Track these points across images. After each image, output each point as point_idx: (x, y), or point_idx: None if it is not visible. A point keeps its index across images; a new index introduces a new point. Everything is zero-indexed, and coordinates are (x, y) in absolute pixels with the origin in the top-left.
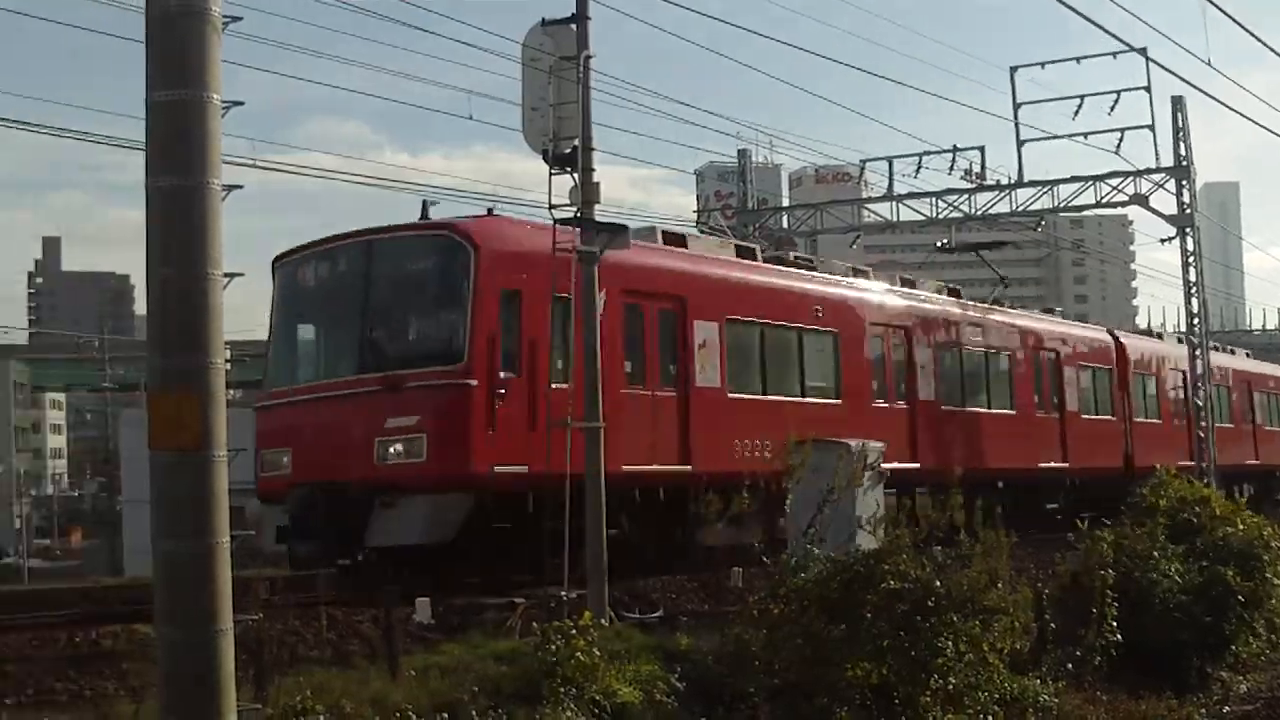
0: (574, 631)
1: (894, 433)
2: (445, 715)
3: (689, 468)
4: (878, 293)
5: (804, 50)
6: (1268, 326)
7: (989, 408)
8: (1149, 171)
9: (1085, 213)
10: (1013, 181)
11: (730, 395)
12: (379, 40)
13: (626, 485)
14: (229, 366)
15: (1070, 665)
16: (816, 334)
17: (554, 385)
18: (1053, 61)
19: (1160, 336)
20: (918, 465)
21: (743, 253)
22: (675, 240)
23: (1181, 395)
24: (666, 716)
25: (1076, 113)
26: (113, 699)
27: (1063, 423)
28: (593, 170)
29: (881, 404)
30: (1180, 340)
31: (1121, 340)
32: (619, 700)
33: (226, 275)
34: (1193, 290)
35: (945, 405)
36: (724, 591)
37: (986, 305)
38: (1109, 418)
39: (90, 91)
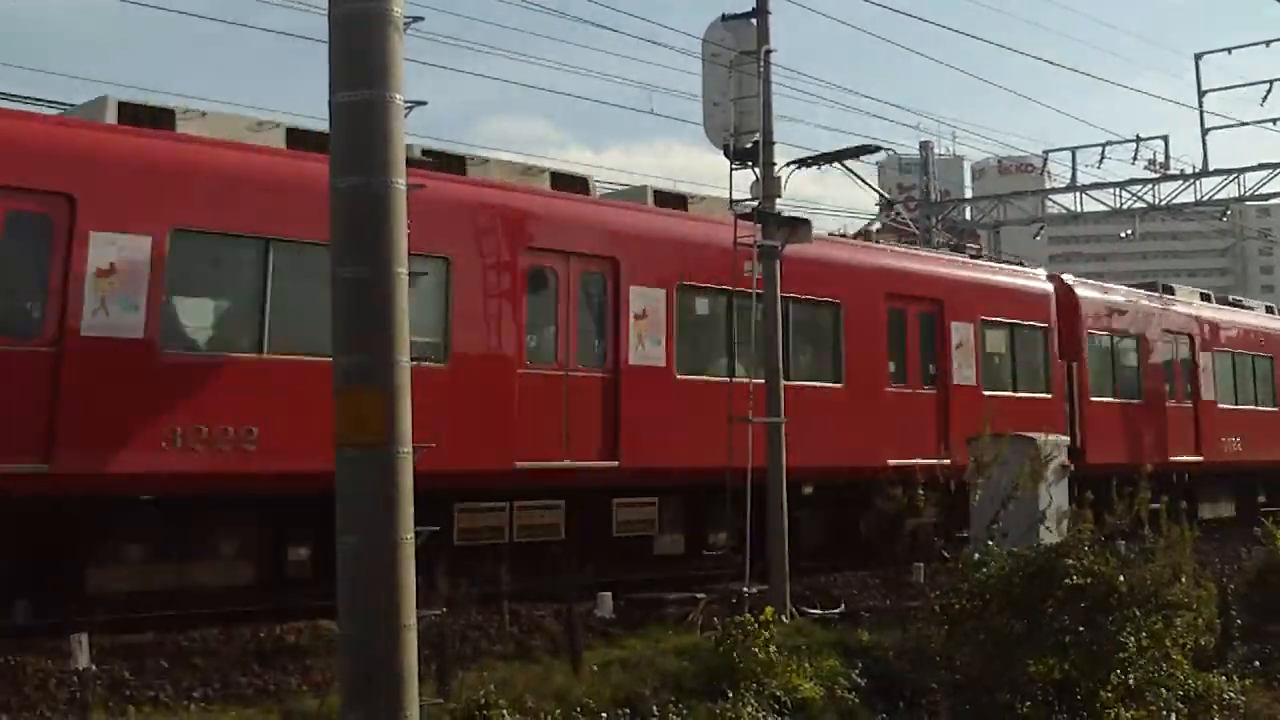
0: (755, 627)
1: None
2: (626, 710)
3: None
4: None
5: (985, 41)
6: None
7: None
8: None
9: (1273, 201)
10: (1197, 170)
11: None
12: (560, 38)
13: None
14: None
15: (1258, 663)
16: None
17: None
18: (1240, 46)
19: None
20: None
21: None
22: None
23: None
24: (847, 712)
25: (1265, 98)
26: (296, 694)
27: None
28: (773, 164)
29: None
30: None
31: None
32: (800, 696)
33: (411, 273)
34: None
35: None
36: (905, 587)
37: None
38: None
39: (274, 95)
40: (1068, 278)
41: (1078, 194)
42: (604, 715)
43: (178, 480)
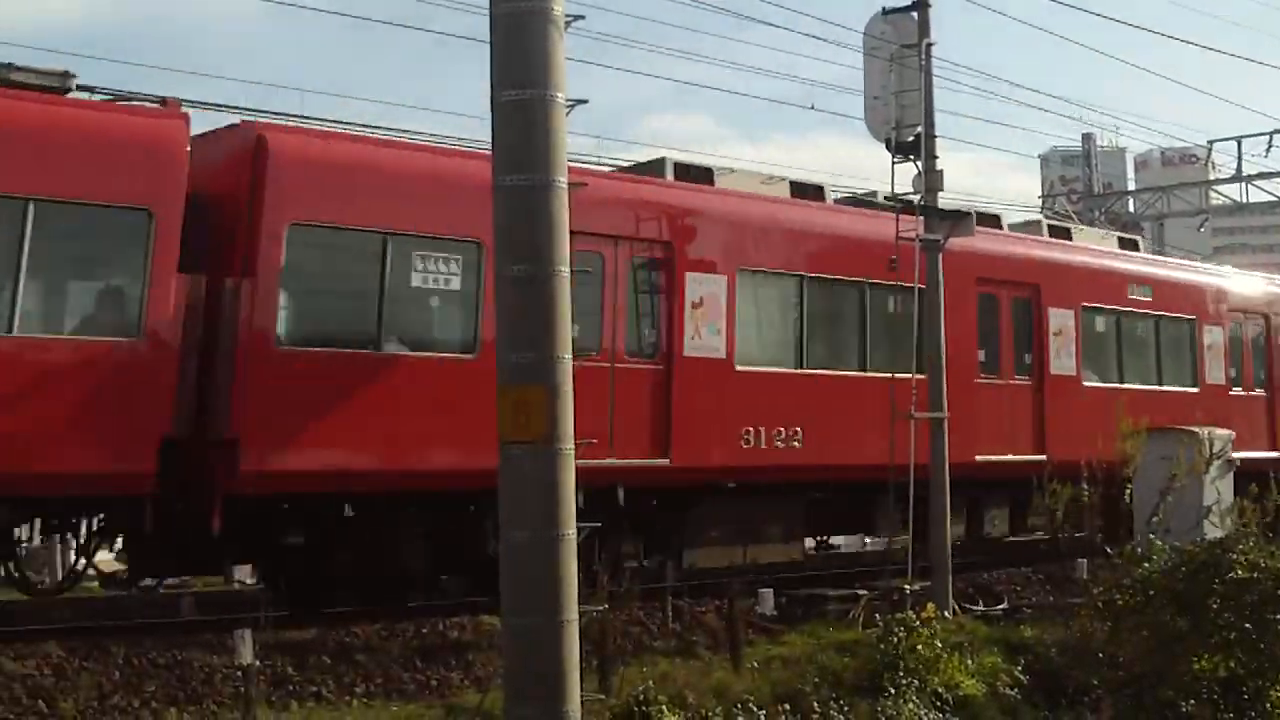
0: (917, 623)
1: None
2: (786, 706)
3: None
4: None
5: (1147, 30)
6: None
7: None
8: None
9: None
10: None
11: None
12: (722, 34)
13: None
14: None
15: None
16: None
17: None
18: None
19: None
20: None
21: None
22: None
23: None
24: (1009, 709)
25: None
26: (458, 689)
27: None
28: (935, 157)
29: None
30: None
31: None
32: (961, 692)
33: (574, 270)
34: None
35: None
36: (1068, 583)
37: None
38: None
39: (436, 95)
40: None
41: (1243, 184)
42: (764, 712)
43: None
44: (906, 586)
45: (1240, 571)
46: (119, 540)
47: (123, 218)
